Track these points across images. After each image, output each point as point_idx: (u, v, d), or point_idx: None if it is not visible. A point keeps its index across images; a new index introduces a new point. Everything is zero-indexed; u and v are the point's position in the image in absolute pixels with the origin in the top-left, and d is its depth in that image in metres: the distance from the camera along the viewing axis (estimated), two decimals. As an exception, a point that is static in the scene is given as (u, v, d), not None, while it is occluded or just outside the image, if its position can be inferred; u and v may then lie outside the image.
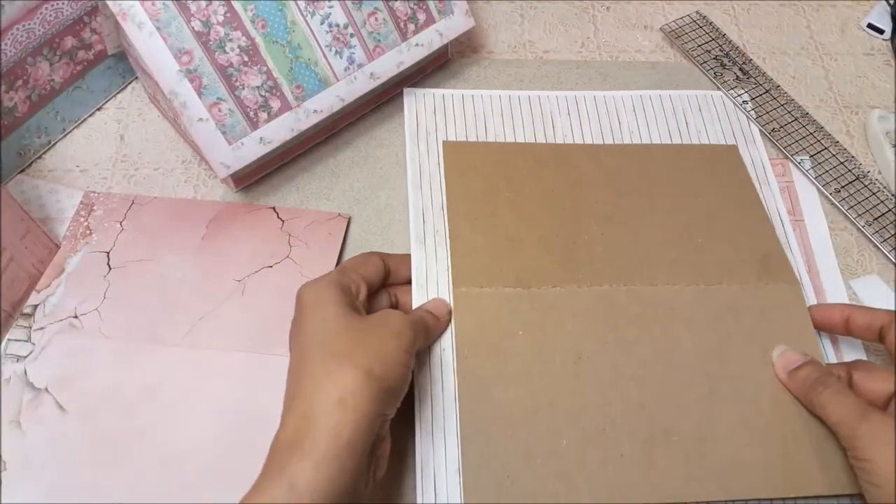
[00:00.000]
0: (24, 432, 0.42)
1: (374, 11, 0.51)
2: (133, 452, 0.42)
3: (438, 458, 0.40)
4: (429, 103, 0.56)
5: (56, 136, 0.55)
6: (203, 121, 0.47)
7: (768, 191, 0.52)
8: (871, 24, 0.62)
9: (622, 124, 0.55)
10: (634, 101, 0.57)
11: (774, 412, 0.42)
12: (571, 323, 0.44)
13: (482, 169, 0.51)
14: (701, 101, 0.57)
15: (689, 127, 0.55)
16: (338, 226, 0.51)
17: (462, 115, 0.55)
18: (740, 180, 0.52)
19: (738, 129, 0.55)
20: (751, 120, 0.56)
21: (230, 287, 0.48)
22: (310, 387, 0.35)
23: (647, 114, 0.56)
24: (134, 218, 0.51)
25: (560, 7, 0.64)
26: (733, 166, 0.53)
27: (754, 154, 0.54)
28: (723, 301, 0.46)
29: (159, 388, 0.44)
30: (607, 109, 0.56)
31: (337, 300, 0.38)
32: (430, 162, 0.52)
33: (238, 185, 0.52)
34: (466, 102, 0.56)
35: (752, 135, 0.55)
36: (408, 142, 0.53)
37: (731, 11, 0.64)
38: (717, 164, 0.53)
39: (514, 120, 0.55)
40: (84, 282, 0.48)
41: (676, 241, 0.48)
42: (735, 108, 0.57)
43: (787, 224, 0.51)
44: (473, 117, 0.55)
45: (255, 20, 0.47)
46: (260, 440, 0.42)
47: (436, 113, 0.56)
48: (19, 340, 0.45)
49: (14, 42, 0.50)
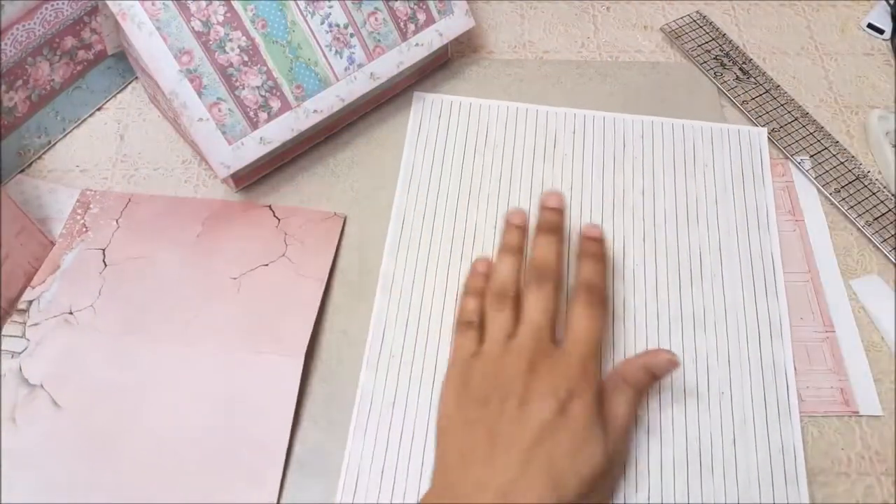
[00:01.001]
0: (19, 428, 0.42)
1: (374, 11, 0.51)
2: (127, 449, 0.42)
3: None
4: (435, 109, 0.56)
5: (56, 136, 0.56)
6: (203, 121, 0.47)
7: (766, 236, 0.50)
8: (871, 24, 0.62)
9: (626, 148, 0.55)
10: (644, 126, 0.56)
11: None
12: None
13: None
14: (715, 133, 0.55)
15: (696, 160, 0.54)
16: (334, 225, 0.51)
17: (465, 123, 0.56)
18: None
19: (749, 169, 0.54)
20: (764, 162, 0.54)
21: (225, 285, 0.47)
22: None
23: (655, 140, 0.55)
24: (130, 215, 0.51)
25: (560, 7, 0.64)
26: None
27: (760, 199, 0.52)
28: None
29: (154, 385, 0.44)
30: (614, 132, 0.55)
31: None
32: (423, 170, 0.52)
33: (238, 185, 0.52)
34: (473, 110, 0.56)
35: (762, 177, 0.53)
36: (406, 147, 0.53)
37: (731, 11, 0.64)
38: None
39: (517, 130, 0.55)
40: (79, 279, 0.48)
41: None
42: (750, 146, 0.55)
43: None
44: (476, 124, 0.56)
45: (255, 20, 0.48)
46: (254, 437, 0.42)
47: (440, 118, 0.56)
48: (14, 336, 0.46)
49: (14, 42, 0.50)
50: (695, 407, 0.44)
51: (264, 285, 0.47)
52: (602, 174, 0.53)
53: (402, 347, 0.46)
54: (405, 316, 0.47)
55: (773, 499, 0.41)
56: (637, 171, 0.53)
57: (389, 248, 0.50)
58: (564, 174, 0.53)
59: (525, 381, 0.37)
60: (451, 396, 0.39)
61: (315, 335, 0.47)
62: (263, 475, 0.41)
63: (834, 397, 0.45)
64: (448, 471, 0.36)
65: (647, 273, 0.49)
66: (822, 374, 0.46)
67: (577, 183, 0.53)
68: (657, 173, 0.53)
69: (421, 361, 0.46)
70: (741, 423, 0.43)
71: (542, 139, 0.55)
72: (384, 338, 0.47)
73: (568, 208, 0.51)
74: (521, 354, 0.38)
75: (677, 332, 0.46)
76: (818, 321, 0.48)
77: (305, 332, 0.45)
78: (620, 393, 0.39)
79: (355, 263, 0.50)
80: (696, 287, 0.48)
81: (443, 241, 0.50)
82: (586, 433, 0.36)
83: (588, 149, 0.55)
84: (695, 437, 0.43)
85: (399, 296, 0.48)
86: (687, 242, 0.50)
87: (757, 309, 0.47)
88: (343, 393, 0.45)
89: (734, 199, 0.52)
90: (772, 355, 0.46)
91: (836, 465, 0.43)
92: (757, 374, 0.45)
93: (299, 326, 0.46)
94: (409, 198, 0.52)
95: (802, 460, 0.42)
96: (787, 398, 0.44)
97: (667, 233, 0.50)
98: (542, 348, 0.38)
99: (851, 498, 0.42)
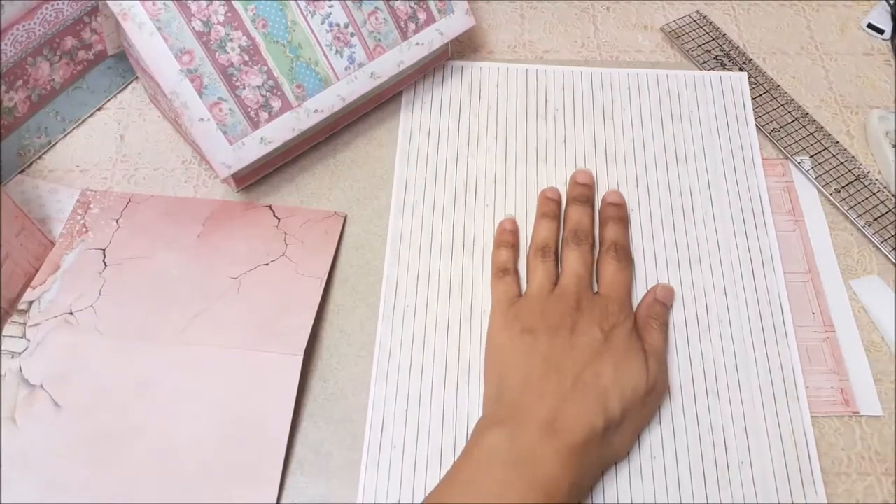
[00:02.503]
0: (20, 429, 0.42)
1: (374, 11, 0.51)
2: (128, 449, 0.42)
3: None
4: (428, 74, 0.58)
5: (56, 136, 0.56)
6: (204, 121, 0.47)
7: (752, 175, 0.53)
8: (871, 24, 0.62)
9: (615, 102, 0.57)
10: (630, 79, 0.58)
11: None
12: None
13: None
14: (697, 82, 0.58)
15: (681, 107, 0.57)
16: (334, 224, 0.51)
17: (459, 87, 0.58)
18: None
19: (733, 112, 0.56)
20: (746, 104, 0.57)
21: (226, 284, 0.47)
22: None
23: (641, 92, 0.58)
24: (130, 215, 0.51)
25: (560, 7, 0.64)
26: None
27: (745, 139, 0.55)
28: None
29: (154, 385, 0.44)
30: (602, 85, 0.58)
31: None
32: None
33: (239, 185, 0.52)
34: (466, 73, 0.59)
35: (745, 119, 0.56)
36: (402, 112, 0.56)
37: (731, 11, 0.64)
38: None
39: (509, 90, 0.58)
40: (80, 279, 0.48)
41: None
42: (732, 91, 0.57)
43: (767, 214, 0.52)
44: (470, 86, 0.58)
45: (255, 20, 0.48)
46: (254, 436, 0.42)
47: (433, 84, 0.58)
48: (14, 337, 0.46)
49: (14, 42, 0.50)
50: (696, 335, 0.47)
51: (264, 285, 0.47)
52: (594, 126, 0.56)
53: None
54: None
55: (777, 417, 0.44)
56: (626, 121, 0.56)
57: (394, 210, 0.52)
58: (558, 129, 0.56)
59: (573, 317, 0.43)
60: (504, 332, 0.44)
61: (315, 334, 0.47)
62: (263, 475, 0.41)
63: (834, 397, 0.45)
64: (504, 393, 0.41)
65: (641, 216, 0.52)
66: (823, 375, 0.46)
67: (569, 136, 0.55)
68: (645, 122, 0.56)
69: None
70: (741, 348, 0.46)
71: (533, 97, 0.57)
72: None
73: (563, 160, 0.54)
74: (567, 296, 0.44)
75: (675, 268, 0.49)
76: (818, 321, 0.48)
77: (305, 331, 0.45)
78: (649, 326, 0.45)
79: (355, 262, 0.50)
80: (689, 225, 0.51)
81: (446, 197, 0.53)
82: (628, 356, 0.42)
83: (578, 103, 0.57)
84: (699, 364, 0.46)
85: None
86: (678, 184, 0.53)
87: (748, 244, 0.50)
88: (343, 392, 0.45)
89: (720, 141, 0.55)
90: (765, 283, 0.49)
91: (836, 465, 0.43)
92: (753, 304, 0.48)
93: (299, 325, 0.46)
94: (410, 160, 0.54)
95: (801, 379, 0.45)
96: (783, 323, 0.47)
97: (657, 176, 0.53)
98: (585, 293, 0.45)
99: (851, 498, 0.42)
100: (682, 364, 0.46)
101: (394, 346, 0.46)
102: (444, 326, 0.47)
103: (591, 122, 0.56)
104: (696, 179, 0.53)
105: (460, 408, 0.44)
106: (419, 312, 0.48)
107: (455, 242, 0.50)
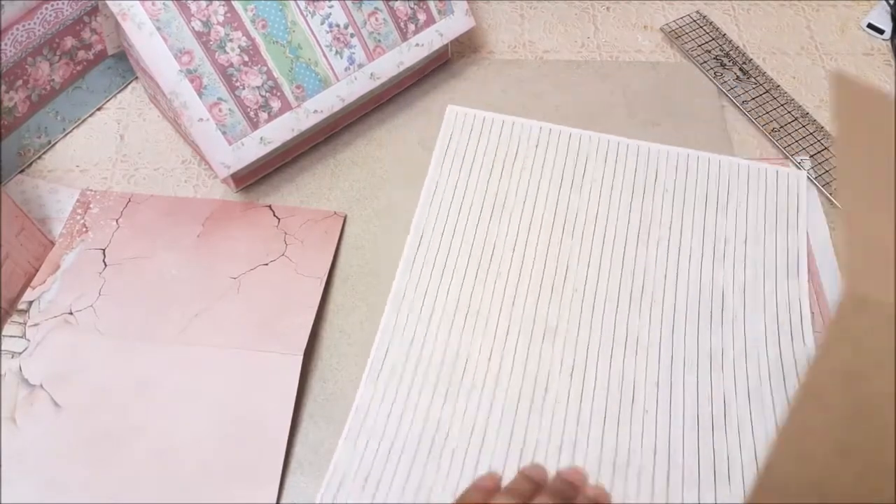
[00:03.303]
0: (20, 429, 0.42)
1: (374, 11, 0.51)
2: (128, 449, 0.42)
3: None
4: (467, 124, 0.55)
5: (56, 136, 0.56)
6: (203, 121, 0.47)
7: (794, 283, 0.48)
8: (871, 24, 0.62)
9: (658, 179, 0.53)
10: (680, 157, 0.54)
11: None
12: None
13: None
14: (752, 172, 0.53)
15: (729, 196, 0.52)
16: (334, 224, 0.51)
17: (497, 139, 0.54)
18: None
19: (784, 211, 0.51)
20: (810, 204, 0.52)
21: (225, 284, 0.47)
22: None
23: (690, 172, 0.53)
24: (130, 215, 0.51)
25: (560, 7, 0.65)
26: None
27: (792, 243, 0.50)
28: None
29: (154, 385, 0.44)
30: (648, 160, 0.54)
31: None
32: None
33: (238, 185, 0.52)
34: (505, 128, 0.55)
35: (797, 222, 0.51)
36: (433, 160, 0.53)
37: (731, 11, 0.64)
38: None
39: (548, 154, 0.54)
40: (79, 279, 0.48)
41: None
42: (787, 189, 0.52)
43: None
44: (508, 141, 0.54)
45: (255, 20, 0.48)
46: (254, 436, 0.42)
47: (471, 132, 0.55)
48: (14, 337, 0.45)
49: (14, 42, 0.50)
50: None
51: (264, 284, 0.47)
52: (630, 203, 0.51)
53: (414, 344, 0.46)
54: (413, 327, 0.47)
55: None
56: (666, 202, 0.52)
57: (404, 263, 0.49)
58: (591, 201, 0.52)
59: None
60: None
61: (315, 334, 0.47)
62: (263, 475, 0.41)
63: (834, 397, 0.45)
64: None
65: (665, 308, 0.47)
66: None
67: (602, 212, 0.51)
68: (687, 207, 0.51)
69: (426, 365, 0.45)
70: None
71: (571, 163, 0.54)
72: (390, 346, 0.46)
73: (591, 235, 0.50)
74: None
75: (692, 368, 0.45)
76: (818, 321, 0.48)
77: (305, 331, 0.45)
78: None
79: (355, 262, 0.50)
80: (716, 326, 0.47)
81: (460, 256, 0.49)
82: None
83: (619, 176, 0.53)
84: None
85: (409, 310, 0.47)
86: (710, 279, 0.48)
87: (781, 354, 0.46)
88: (342, 392, 0.45)
89: (765, 240, 0.50)
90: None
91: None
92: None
93: (299, 325, 0.46)
94: (431, 211, 0.51)
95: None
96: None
97: (690, 269, 0.49)
98: None
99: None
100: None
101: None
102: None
103: (629, 198, 0.52)
104: (731, 279, 0.48)
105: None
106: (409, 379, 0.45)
107: (460, 305, 0.47)
